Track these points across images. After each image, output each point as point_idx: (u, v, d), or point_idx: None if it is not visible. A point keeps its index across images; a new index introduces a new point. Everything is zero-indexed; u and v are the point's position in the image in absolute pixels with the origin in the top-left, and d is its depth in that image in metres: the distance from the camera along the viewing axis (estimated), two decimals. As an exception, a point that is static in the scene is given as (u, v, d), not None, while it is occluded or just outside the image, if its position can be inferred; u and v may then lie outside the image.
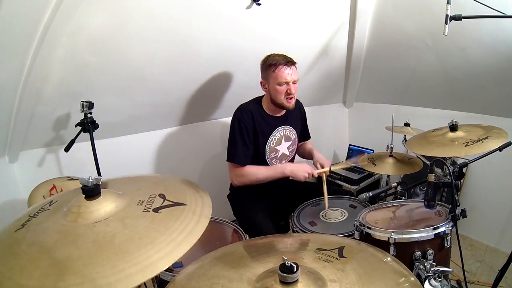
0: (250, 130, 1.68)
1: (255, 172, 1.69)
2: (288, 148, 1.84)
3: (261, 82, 1.72)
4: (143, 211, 0.75)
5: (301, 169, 1.66)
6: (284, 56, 1.65)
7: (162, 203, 0.79)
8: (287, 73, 1.61)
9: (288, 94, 1.64)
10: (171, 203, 0.80)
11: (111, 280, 0.59)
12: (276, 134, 1.77)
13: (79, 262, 0.62)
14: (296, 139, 1.89)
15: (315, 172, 1.69)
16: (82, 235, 0.68)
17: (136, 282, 0.59)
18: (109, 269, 0.60)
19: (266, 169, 1.71)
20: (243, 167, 1.69)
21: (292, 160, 1.92)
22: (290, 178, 1.71)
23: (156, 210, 0.76)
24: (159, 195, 0.82)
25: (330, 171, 1.74)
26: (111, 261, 0.62)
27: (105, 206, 0.75)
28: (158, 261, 0.63)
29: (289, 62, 1.63)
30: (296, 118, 1.88)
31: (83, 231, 0.69)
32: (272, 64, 1.62)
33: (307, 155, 1.97)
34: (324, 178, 1.71)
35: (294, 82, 1.65)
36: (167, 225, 0.71)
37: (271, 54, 1.68)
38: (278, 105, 1.70)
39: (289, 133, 1.83)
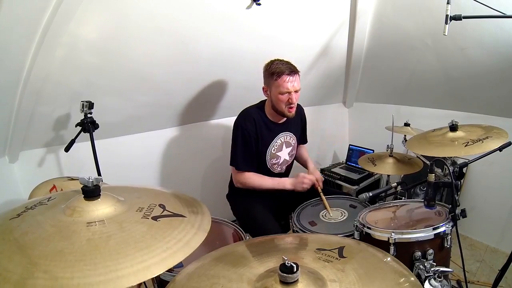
0: (253, 137, 1.69)
1: (257, 181, 1.73)
2: (288, 153, 1.84)
3: (263, 88, 1.71)
4: (142, 217, 0.76)
5: (298, 183, 1.72)
6: (288, 64, 1.63)
7: (162, 213, 0.79)
8: (289, 82, 1.60)
9: (289, 103, 1.64)
10: (171, 213, 0.80)
11: (102, 279, 0.59)
12: (278, 141, 1.78)
13: (70, 256, 0.62)
14: (296, 144, 1.89)
15: (312, 178, 1.74)
16: (78, 232, 0.68)
17: (127, 284, 0.59)
18: (101, 268, 0.61)
19: (270, 180, 1.74)
20: (244, 173, 1.72)
21: (291, 165, 1.93)
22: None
23: (155, 218, 0.77)
24: (159, 205, 0.83)
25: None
26: (104, 261, 0.62)
27: (104, 208, 0.75)
28: (152, 266, 0.63)
29: (293, 71, 1.61)
30: (297, 124, 1.89)
31: (79, 228, 0.69)
32: (275, 72, 1.60)
33: (302, 163, 2.01)
34: (320, 190, 1.76)
35: (296, 91, 1.64)
36: (165, 234, 0.72)
37: (275, 61, 1.65)
38: (279, 112, 1.70)
39: (290, 139, 1.83)
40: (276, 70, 1.60)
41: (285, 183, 1.74)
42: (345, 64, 2.66)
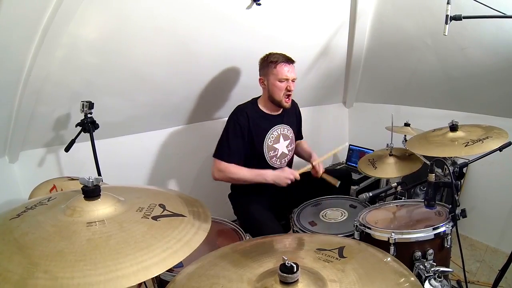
0: (245, 131, 1.69)
1: (235, 172, 1.67)
2: (287, 146, 1.84)
3: (260, 79, 1.75)
4: (142, 217, 0.76)
5: (282, 177, 1.66)
6: (284, 54, 1.71)
7: (162, 212, 0.80)
8: (287, 70, 1.67)
9: (287, 91, 1.69)
10: (171, 213, 0.81)
11: (102, 279, 0.59)
12: (274, 133, 1.78)
13: (70, 256, 0.62)
14: (294, 138, 1.90)
15: (297, 174, 1.68)
16: (78, 232, 0.68)
17: (127, 284, 0.59)
18: (101, 268, 0.61)
19: (248, 172, 1.69)
20: (225, 163, 1.68)
21: (291, 160, 1.92)
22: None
23: (155, 218, 0.77)
24: (159, 205, 0.83)
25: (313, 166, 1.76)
26: (104, 261, 0.62)
27: (104, 208, 0.75)
28: (152, 266, 0.64)
29: (289, 60, 1.70)
30: (293, 117, 1.90)
31: (79, 228, 0.69)
32: (273, 61, 1.67)
33: (307, 157, 1.93)
34: (318, 169, 1.76)
35: (293, 80, 1.70)
36: (165, 233, 0.72)
37: (271, 52, 1.72)
38: (276, 102, 1.72)
39: (287, 131, 1.84)
40: (274, 59, 1.68)
41: (266, 175, 1.67)
42: (345, 64, 2.66)
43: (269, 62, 1.69)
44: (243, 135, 1.69)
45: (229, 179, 1.73)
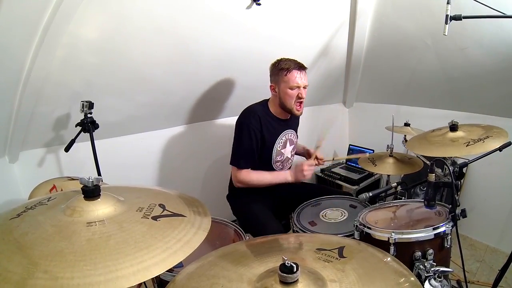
0: (258, 135, 1.67)
1: (257, 178, 1.70)
2: (291, 151, 1.85)
3: (270, 86, 1.71)
4: (142, 217, 0.76)
5: (299, 171, 1.69)
6: (295, 60, 1.66)
7: (162, 212, 0.80)
8: (299, 77, 1.63)
9: (299, 98, 1.65)
10: (171, 213, 0.81)
11: (102, 279, 0.59)
12: (282, 138, 1.77)
13: (70, 256, 0.62)
14: (297, 142, 1.90)
15: (312, 162, 1.75)
16: (78, 232, 0.68)
17: (127, 284, 0.59)
18: (101, 268, 0.61)
19: (269, 175, 1.72)
20: (245, 172, 1.69)
21: (291, 163, 1.92)
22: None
23: (155, 218, 0.77)
24: (159, 204, 0.83)
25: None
26: (104, 261, 0.62)
27: (104, 208, 0.75)
28: (152, 267, 0.64)
29: (301, 67, 1.65)
30: (297, 120, 1.90)
31: (79, 228, 0.69)
32: (284, 68, 1.62)
33: (302, 152, 2.03)
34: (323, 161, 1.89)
35: (304, 87, 1.66)
36: (165, 233, 0.72)
37: (282, 58, 1.68)
38: (287, 110, 1.70)
39: (292, 136, 1.84)
40: (285, 66, 1.63)
41: (287, 175, 1.72)
42: (345, 64, 2.66)
43: (280, 69, 1.63)
44: (256, 137, 1.67)
45: (251, 186, 1.73)
